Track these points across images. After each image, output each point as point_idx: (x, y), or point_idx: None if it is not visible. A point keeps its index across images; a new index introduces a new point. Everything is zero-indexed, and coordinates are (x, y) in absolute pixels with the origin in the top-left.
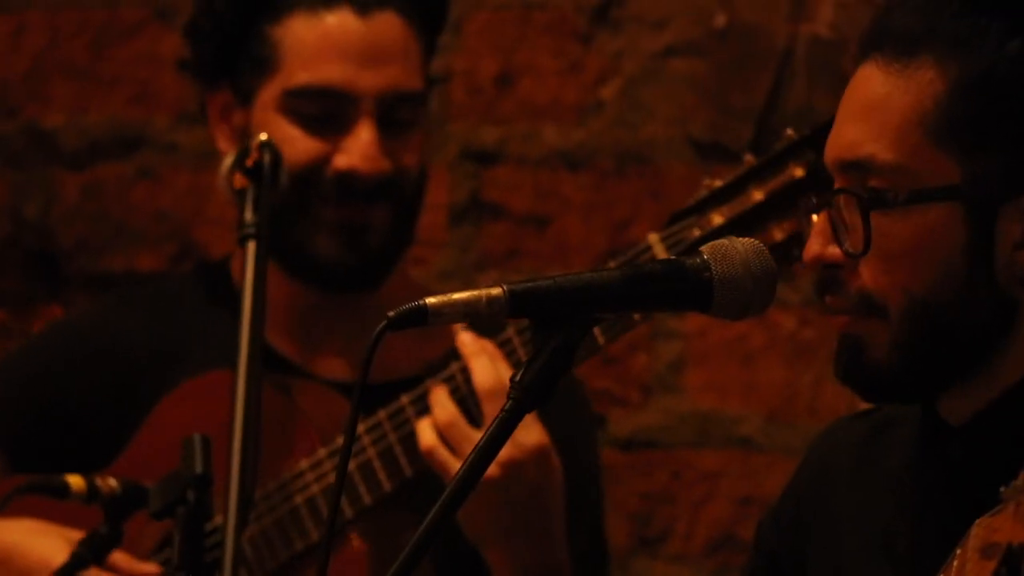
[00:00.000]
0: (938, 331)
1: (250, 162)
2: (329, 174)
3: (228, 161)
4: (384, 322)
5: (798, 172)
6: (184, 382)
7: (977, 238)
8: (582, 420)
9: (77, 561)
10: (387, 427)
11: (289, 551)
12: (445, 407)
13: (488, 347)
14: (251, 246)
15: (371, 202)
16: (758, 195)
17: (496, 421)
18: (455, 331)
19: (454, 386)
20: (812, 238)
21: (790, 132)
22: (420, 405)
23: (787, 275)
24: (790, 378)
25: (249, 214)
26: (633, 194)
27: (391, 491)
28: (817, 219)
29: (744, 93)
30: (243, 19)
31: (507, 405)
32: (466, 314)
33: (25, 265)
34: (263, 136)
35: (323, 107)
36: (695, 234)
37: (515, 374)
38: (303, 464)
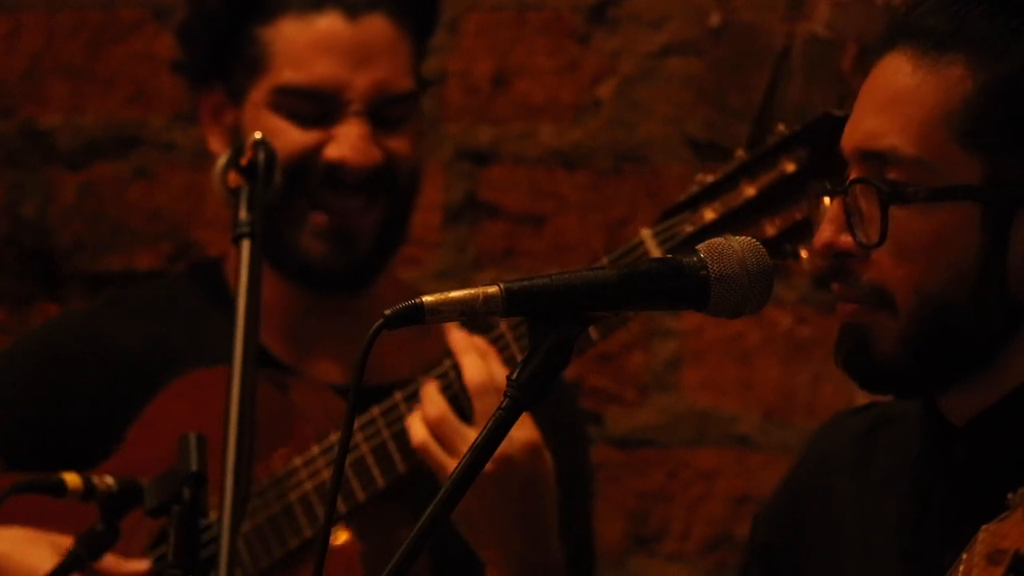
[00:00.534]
0: (947, 329)
1: (244, 161)
2: (320, 165)
3: (222, 160)
4: (380, 320)
5: (790, 167)
6: (177, 380)
7: (992, 240)
8: (572, 420)
9: (74, 559)
10: (381, 423)
11: (283, 548)
12: (435, 402)
13: (479, 344)
14: (245, 245)
15: (361, 193)
16: (750, 190)
17: (493, 419)
18: (447, 329)
19: (446, 382)
20: (825, 224)
21: (781, 127)
22: (413, 401)
23: (780, 271)
24: (787, 376)
25: (244, 213)
26: (630, 193)
27: (385, 487)
28: (831, 206)
29: (741, 92)
30: (234, 20)
31: (504, 403)
32: (463, 312)
33: (22, 264)
34: (257, 135)
35: (313, 106)
36: (687, 230)
37: (512, 372)
38: (296, 461)
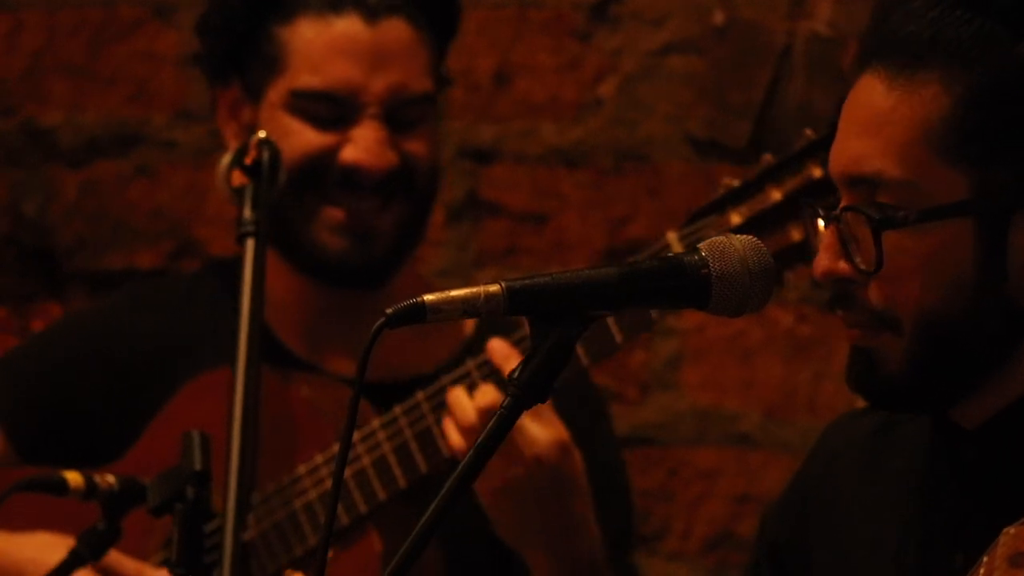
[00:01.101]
0: (951, 343)
1: (249, 160)
2: (336, 167)
3: (226, 159)
4: (382, 320)
5: (816, 172)
6: (196, 379)
7: (989, 248)
8: (595, 411)
9: (75, 558)
10: (403, 423)
11: (289, 555)
12: (466, 409)
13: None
14: (249, 244)
15: (377, 195)
16: (776, 195)
17: (495, 418)
18: (465, 329)
19: (470, 383)
20: (821, 253)
21: (809, 132)
22: (435, 401)
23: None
24: (788, 375)
25: (248, 212)
26: (631, 191)
27: (406, 487)
28: (825, 233)
29: (743, 91)
30: (253, 17)
31: (506, 402)
32: (464, 311)
33: (23, 263)
34: (261, 133)
35: (329, 109)
36: (712, 234)
37: (513, 371)
38: (300, 469)
